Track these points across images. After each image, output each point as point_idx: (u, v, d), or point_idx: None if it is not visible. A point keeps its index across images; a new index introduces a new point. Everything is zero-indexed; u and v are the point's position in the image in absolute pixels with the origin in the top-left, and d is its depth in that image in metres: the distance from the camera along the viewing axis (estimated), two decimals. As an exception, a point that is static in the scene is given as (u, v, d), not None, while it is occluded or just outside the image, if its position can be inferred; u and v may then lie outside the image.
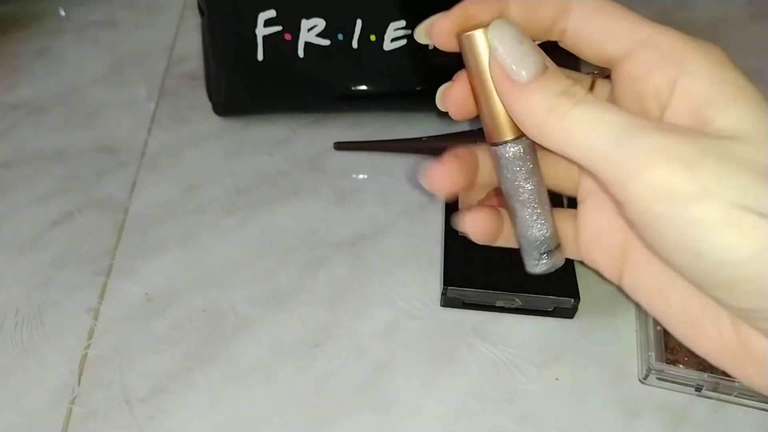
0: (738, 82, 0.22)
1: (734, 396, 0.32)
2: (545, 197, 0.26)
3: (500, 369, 0.33)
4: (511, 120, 0.23)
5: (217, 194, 0.41)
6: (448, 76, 0.30)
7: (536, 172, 0.25)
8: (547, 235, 0.26)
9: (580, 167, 0.23)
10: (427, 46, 0.42)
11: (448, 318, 0.35)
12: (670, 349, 0.33)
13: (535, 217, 0.26)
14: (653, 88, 0.23)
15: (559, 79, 0.22)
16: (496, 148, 0.24)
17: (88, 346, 0.33)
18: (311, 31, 0.40)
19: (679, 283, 0.23)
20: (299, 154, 0.44)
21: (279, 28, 0.40)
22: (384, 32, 0.41)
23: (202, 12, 0.41)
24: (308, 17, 0.40)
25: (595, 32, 0.24)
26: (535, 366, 0.33)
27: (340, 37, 0.41)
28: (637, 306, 0.35)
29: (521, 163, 0.24)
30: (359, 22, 0.40)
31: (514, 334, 0.34)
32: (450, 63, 0.46)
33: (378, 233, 0.39)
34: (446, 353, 0.33)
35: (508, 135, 0.24)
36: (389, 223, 0.40)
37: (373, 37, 0.41)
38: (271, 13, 0.39)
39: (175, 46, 0.53)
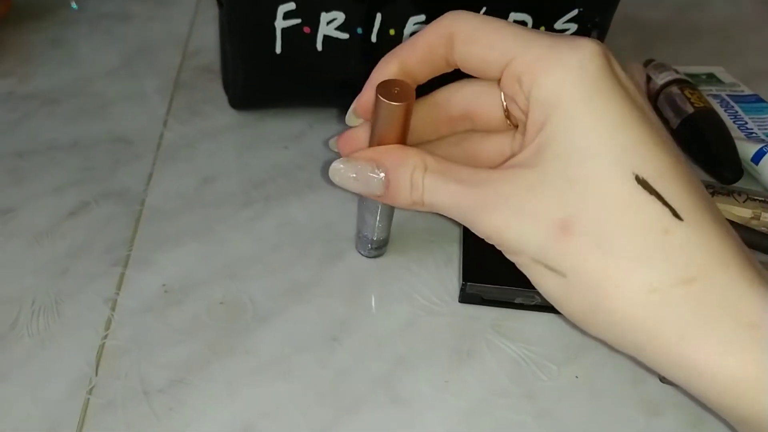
0: (566, 94, 0.23)
1: (755, 396, 0.31)
2: (392, 213, 0.35)
3: (520, 366, 0.32)
4: None
5: (233, 187, 0.41)
6: (461, 72, 0.31)
7: None
8: (382, 238, 0.36)
9: None
10: (446, 41, 0.41)
11: (466, 314, 0.35)
12: (691, 348, 0.33)
13: (374, 225, 0.35)
14: (517, 101, 0.26)
15: (402, 178, 0.27)
16: None
17: (105, 337, 0.33)
18: (330, 24, 0.40)
19: None
20: (315, 148, 0.44)
21: (298, 20, 0.40)
22: (403, 27, 0.40)
23: (220, 4, 0.41)
24: (328, 10, 0.39)
25: (477, 55, 0.26)
26: (554, 363, 0.33)
27: (360, 30, 0.40)
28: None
29: None
30: (379, 16, 0.40)
31: (534, 331, 0.34)
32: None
33: (395, 228, 0.38)
34: (465, 349, 0.33)
35: None
36: (407, 218, 0.39)
37: (392, 32, 0.41)
38: (291, 6, 0.39)
39: (190, 39, 0.53)
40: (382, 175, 0.27)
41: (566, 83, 0.23)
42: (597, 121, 0.23)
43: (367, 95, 0.29)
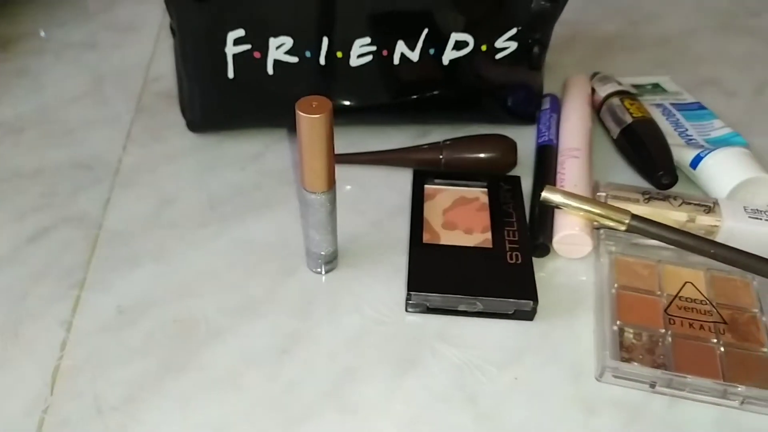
0: None
1: (687, 392, 0.33)
2: (334, 227, 0.36)
3: (462, 371, 0.34)
4: (326, 179, 0.33)
5: (190, 208, 0.42)
6: (413, 90, 0.32)
7: (332, 211, 0.35)
8: (330, 251, 0.37)
9: None
10: (392, 61, 0.43)
11: (412, 323, 0.36)
12: (626, 348, 0.34)
13: (319, 240, 0.36)
14: None
15: None
16: (308, 194, 0.34)
17: (60, 358, 0.34)
18: (279, 48, 0.42)
19: None
20: (272, 168, 0.45)
21: (248, 46, 0.42)
22: (350, 49, 0.42)
23: (173, 32, 0.43)
24: (276, 35, 0.41)
25: None
26: (495, 367, 0.34)
27: (308, 54, 0.42)
28: (596, 306, 0.37)
29: (324, 207, 0.34)
30: (325, 40, 0.41)
31: (476, 337, 0.35)
32: (415, 78, 0.49)
33: (348, 242, 0.40)
34: (411, 357, 0.34)
35: (321, 189, 0.34)
36: (358, 233, 0.41)
37: (339, 54, 0.42)
38: (240, 32, 0.41)
39: (151, 66, 0.55)
40: None
41: None
42: None
43: None
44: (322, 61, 0.42)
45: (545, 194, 0.38)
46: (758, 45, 0.61)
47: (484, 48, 0.43)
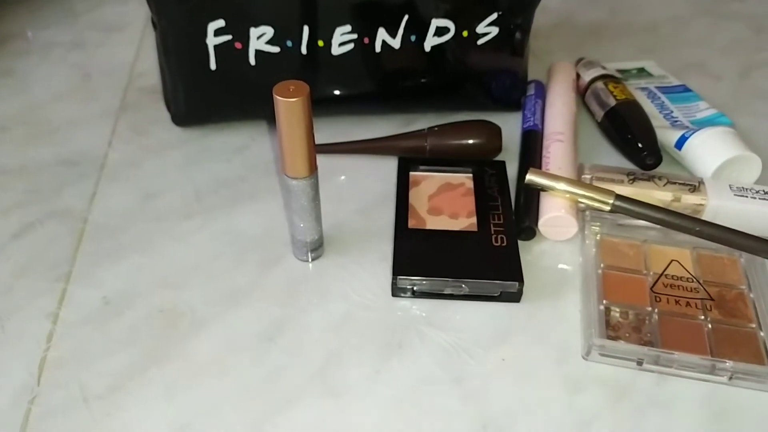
0: None
1: (675, 368, 0.33)
2: (318, 213, 0.36)
3: (449, 353, 0.34)
4: (307, 164, 0.33)
5: (176, 201, 0.42)
6: (396, 78, 0.31)
7: (315, 197, 0.35)
8: (315, 239, 0.37)
9: None
10: (374, 49, 0.43)
11: (398, 307, 0.36)
12: (612, 326, 0.34)
13: (303, 227, 0.36)
14: None
15: None
16: (290, 180, 0.34)
17: (47, 349, 0.34)
18: (260, 38, 0.42)
19: None
20: (257, 159, 0.45)
21: (229, 37, 0.42)
22: (331, 37, 0.42)
23: (154, 25, 0.43)
24: (256, 25, 0.41)
25: None
26: (482, 348, 0.34)
27: (289, 43, 0.42)
28: (582, 286, 0.37)
29: (306, 193, 0.34)
30: (306, 29, 0.41)
31: (463, 319, 0.35)
32: (398, 66, 0.48)
33: (333, 230, 0.40)
34: (397, 340, 0.34)
35: (303, 174, 0.33)
36: (344, 221, 0.41)
37: (321, 43, 0.42)
38: (221, 23, 0.41)
39: (136, 63, 0.55)
40: None
41: None
42: None
43: None
44: (303, 50, 0.42)
45: (529, 176, 0.38)
46: (742, 30, 0.62)
47: (465, 34, 0.43)
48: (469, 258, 0.37)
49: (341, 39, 0.42)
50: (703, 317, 0.35)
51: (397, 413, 0.31)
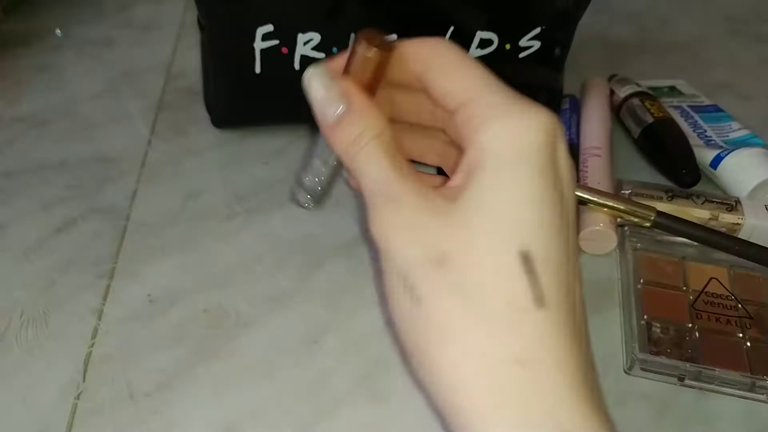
0: (506, 154, 0.23)
1: (715, 385, 0.33)
2: (338, 168, 0.32)
3: (492, 362, 0.34)
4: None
5: (216, 202, 0.43)
6: None
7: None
8: (320, 188, 0.33)
9: None
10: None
11: (441, 315, 0.36)
12: (654, 342, 0.35)
13: (318, 172, 0.33)
14: (463, 143, 0.26)
15: (357, 123, 0.26)
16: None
17: (92, 345, 0.34)
18: (307, 44, 0.42)
19: None
20: (296, 163, 0.46)
21: (276, 41, 0.42)
22: (377, 46, 0.42)
23: (201, 27, 0.43)
24: (304, 32, 0.41)
25: (442, 84, 0.27)
26: (525, 359, 0.34)
27: (335, 50, 0.43)
28: (622, 301, 0.37)
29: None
30: (353, 37, 0.42)
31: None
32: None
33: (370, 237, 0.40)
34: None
35: None
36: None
37: (366, 51, 0.43)
38: (269, 28, 0.41)
39: (173, 63, 0.55)
40: (342, 109, 0.26)
41: (508, 141, 0.24)
42: (516, 190, 0.23)
43: (339, 60, 0.28)
44: (348, 57, 0.43)
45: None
46: (771, 51, 0.62)
47: (507, 47, 0.44)
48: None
49: (386, 47, 0.43)
50: (741, 335, 0.35)
51: (444, 420, 0.31)
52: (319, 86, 0.27)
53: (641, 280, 0.38)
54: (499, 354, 0.22)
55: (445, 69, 0.27)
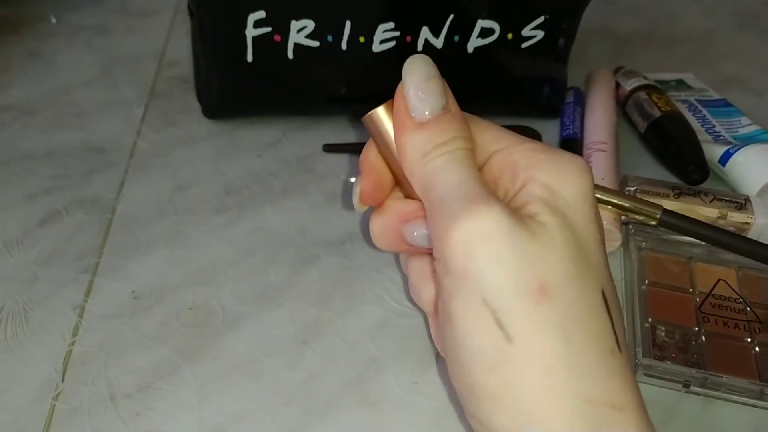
0: (569, 194, 0.23)
1: (722, 392, 0.32)
2: None
3: (489, 365, 0.33)
4: None
5: (206, 194, 0.41)
6: None
7: None
8: None
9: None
10: (416, 48, 0.42)
11: (436, 315, 0.35)
12: (658, 346, 0.33)
13: None
14: (503, 190, 0.25)
15: (447, 129, 0.24)
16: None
17: (72, 343, 0.33)
18: (301, 32, 0.41)
19: None
20: (289, 155, 0.44)
21: (269, 29, 0.40)
22: (373, 34, 0.41)
23: (191, 14, 0.42)
24: (298, 18, 0.40)
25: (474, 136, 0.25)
26: (523, 362, 0.33)
27: (330, 38, 0.41)
28: (626, 302, 0.36)
29: None
30: (348, 24, 0.40)
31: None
32: (438, 66, 0.47)
33: (367, 233, 0.38)
34: (435, 351, 0.33)
35: None
36: (378, 222, 0.40)
37: (362, 39, 0.41)
38: (261, 14, 0.40)
39: (166, 51, 0.54)
40: (440, 106, 0.24)
41: (574, 184, 0.23)
42: (591, 232, 0.23)
43: (365, 180, 0.27)
44: (343, 45, 0.41)
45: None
46: (782, 44, 0.60)
47: (509, 36, 0.42)
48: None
49: (383, 36, 0.41)
50: (749, 339, 0.34)
51: (438, 428, 0.30)
52: (421, 73, 0.25)
53: (646, 281, 0.36)
54: (602, 399, 0.21)
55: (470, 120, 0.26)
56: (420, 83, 0.24)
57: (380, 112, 0.26)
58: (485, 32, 0.42)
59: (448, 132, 0.24)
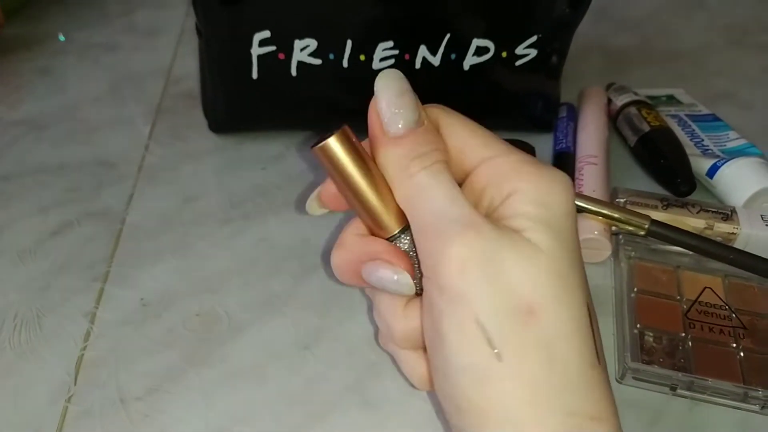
0: (556, 209, 0.24)
1: (708, 395, 0.33)
2: None
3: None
4: (395, 212, 0.26)
5: (212, 206, 0.43)
6: (433, 95, 0.32)
7: None
8: None
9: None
10: (414, 65, 0.44)
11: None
12: (646, 351, 0.35)
13: None
14: (488, 198, 0.25)
15: (423, 143, 0.25)
16: (393, 240, 0.27)
17: (84, 348, 0.34)
18: (304, 50, 0.42)
19: None
20: (292, 168, 0.46)
21: (273, 47, 0.42)
22: (373, 52, 0.43)
23: (199, 33, 0.43)
24: (301, 38, 0.42)
25: (454, 147, 0.26)
26: (516, 367, 0.34)
27: (331, 56, 0.43)
28: (616, 309, 0.37)
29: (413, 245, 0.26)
30: (349, 43, 0.42)
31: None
32: (435, 83, 0.49)
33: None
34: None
35: (395, 228, 0.26)
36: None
37: (362, 57, 0.43)
38: (266, 34, 0.41)
39: (173, 68, 0.56)
40: (413, 120, 0.25)
41: (561, 199, 0.24)
42: (574, 248, 0.24)
43: (327, 184, 0.27)
44: (345, 63, 0.43)
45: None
46: (771, 60, 0.62)
47: (504, 54, 0.44)
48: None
49: (383, 54, 0.43)
50: (735, 345, 0.35)
51: (436, 429, 0.31)
52: (394, 89, 0.25)
53: (635, 289, 0.38)
54: (583, 411, 0.22)
55: (457, 127, 0.27)
56: (393, 99, 0.25)
57: (332, 143, 0.25)
58: (480, 50, 0.44)
59: (423, 145, 0.24)
